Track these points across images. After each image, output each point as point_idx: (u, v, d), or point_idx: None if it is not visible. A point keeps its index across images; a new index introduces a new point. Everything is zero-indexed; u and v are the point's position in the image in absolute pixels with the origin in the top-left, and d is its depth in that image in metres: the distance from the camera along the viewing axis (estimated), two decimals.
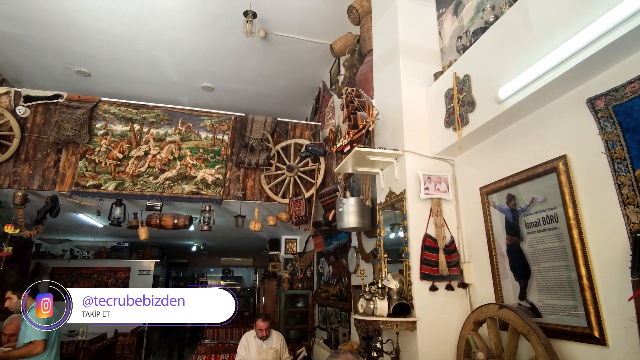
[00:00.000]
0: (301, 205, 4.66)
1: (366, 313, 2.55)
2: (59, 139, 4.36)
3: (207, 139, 4.93)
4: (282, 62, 6.46)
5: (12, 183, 4.22)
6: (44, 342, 3.23)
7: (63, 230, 6.61)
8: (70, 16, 5.26)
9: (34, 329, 3.18)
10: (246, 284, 15.17)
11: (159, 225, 4.53)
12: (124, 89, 7.00)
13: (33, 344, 3.16)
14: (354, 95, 2.96)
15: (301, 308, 6.54)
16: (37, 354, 3.19)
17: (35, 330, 3.18)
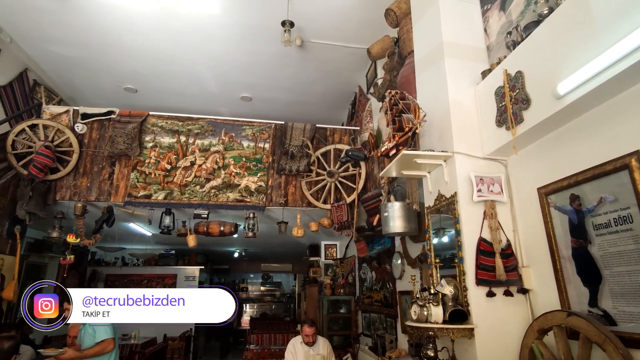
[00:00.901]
0: (343, 210, 4.65)
1: (420, 320, 2.49)
2: (112, 153, 4.62)
3: (249, 147, 5.05)
4: (318, 69, 6.51)
5: (73, 195, 4.51)
6: (114, 340, 3.44)
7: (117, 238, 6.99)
8: (120, 37, 5.58)
9: (104, 329, 3.40)
10: (285, 290, 15.29)
11: (206, 232, 4.67)
12: (168, 102, 7.32)
13: (105, 342, 3.37)
14: (398, 97, 2.92)
15: (344, 314, 6.49)
16: (109, 351, 3.40)
17: (105, 329, 3.40)
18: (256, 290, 15.03)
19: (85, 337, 3.43)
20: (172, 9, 5.02)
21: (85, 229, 4.64)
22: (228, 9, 5.04)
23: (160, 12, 5.07)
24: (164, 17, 5.16)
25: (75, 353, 3.35)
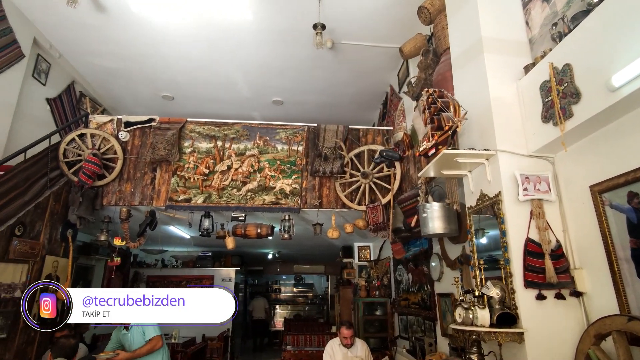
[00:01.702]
0: (378, 211, 4.61)
1: (465, 323, 2.42)
2: (154, 159, 4.81)
3: (283, 150, 5.11)
4: (349, 70, 6.51)
5: (118, 200, 4.73)
6: (162, 337, 3.59)
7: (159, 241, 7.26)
8: (157, 48, 5.80)
9: (152, 327, 3.55)
10: (318, 291, 15.33)
11: (244, 234, 4.76)
12: (203, 109, 7.54)
13: (154, 339, 3.52)
14: (436, 96, 2.87)
15: (380, 316, 6.43)
16: (159, 348, 3.56)
17: (153, 328, 3.55)
18: (289, 291, 15.16)
19: (135, 338, 3.57)
20: (206, 19, 5.17)
21: (130, 232, 4.85)
22: (260, 15, 5.14)
23: (194, 22, 5.24)
24: (198, 27, 5.33)
25: (128, 354, 3.49)
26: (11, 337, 3.64)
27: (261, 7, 4.98)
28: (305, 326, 9.65)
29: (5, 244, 3.61)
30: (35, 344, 3.97)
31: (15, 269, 3.73)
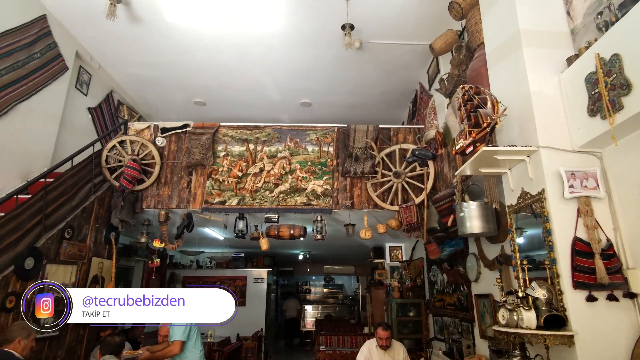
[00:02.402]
0: (412, 211, 4.55)
1: (509, 325, 2.35)
2: (189, 163, 4.96)
3: (314, 152, 5.14)
4: (377, 70, 6.47)
5: (157, 204, 4.90)
6: (182, 343, 3.60)
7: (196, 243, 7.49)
8: (190, 55, 5.98)
9: (177, 331, 3.61)
10: (347, 292, 15.29)
11: (277, 235, 4.82)
12: (234, 113, 7.70)
13: (173, 344, 3.57)
14: (472, 92, 2.80)
15: (413, 317, 6.34)
16: (174, 354, 3.56)
17: (177, 331, 3.61)
18: (319, 292, 15.20)
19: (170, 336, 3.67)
20: (236, 25, 5.28)
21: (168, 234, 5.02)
22: (288, 19, 5.20)
23: (225, 29, 5.36)
24: (228, 33, 5.46)
25: (148, 354, 3.60)
26: (62, 335, 3.85)
27: (290, 11, 5.04)
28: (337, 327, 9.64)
29: (56, 247, 3.83)
30: (84, 341, 4.18)
31: (66, 270, 3.95)
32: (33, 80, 4.75)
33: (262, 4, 4.90)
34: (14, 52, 4.47)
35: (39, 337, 3.38)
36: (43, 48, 4.93)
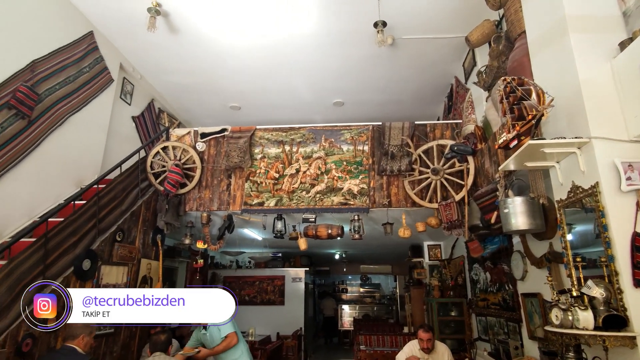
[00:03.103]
0: (452, 208, 4.44)
1: (564, 325, 2.25)
2: (228, 166, 5.10)
3: (349, 151, 5.13)
4: (410, 66, 6.38)
5: (199, 206, 5.09)
6: (236, 333, 3.76)
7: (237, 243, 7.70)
8: (225, 61, 6.15)
9: (227, 325, 3.72)
10: (385, 291, 15.15)
11: (315, 235, 4.87)
12: (268, 116, 7.84)
13: (229, 336, 3.71)
14: (515, 84, 2.70)
15: (455, 317, 6.19)
16: (235, 344, 3.72)
17: (228, 325, 3.72)
18: (355, 291, 15.16)
19: (213, 336, 3.78)
20: (268, 29, 5.37)
21: (209, 235, 5.19)
22: (319, 20, 5.23)
23: (257, 34, 5.47)
24: (260, 38, 5.56)
25: (207, 351, 3.74)
26: (117, 332, 4.09)
27: (320, 12, 5.07)
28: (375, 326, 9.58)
29: (109, 249, 4.07)
30: (137, 338, 4.41)
31: (118, 271, 4.18)
32: (83, 94, 5.06)
33: (292, 7, 4.96)
34: (66, 67, 4.79)
35: (97, 334, 3.61)
36: (91, 62, 5.25)
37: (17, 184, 4.01)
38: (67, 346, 2.94)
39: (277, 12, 5.03)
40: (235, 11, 5.00)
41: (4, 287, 2.90)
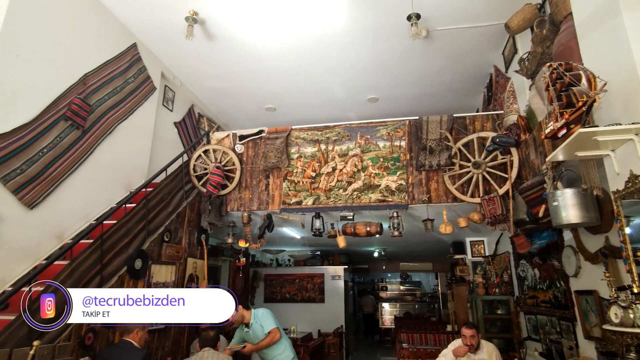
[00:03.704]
0: (496, 203, 4.29)
1: (624, 324, 2.11)
2: (266, 167, 5.21)
3: (385, 147, 5.08)
4: (446, 57, 6.21)
5: (239, 206, 5.23)
6: (279, 329, 3.84)
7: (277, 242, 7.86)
8: (259, 64, 6.28)
9: (269, 321, 3.82)
10: (426, 289, 14.86)
11: (353, 233, 4.86)
12: (302, 115, 7.92)
13: (272, 332, 3.79)
14: (562, 69, 2.56)
15: (502, 315, 5.97)
16: (278, 339, 3.80)
17: (270, 321, 3.82)
18: (395, 289, 14.99)
19: (257, 333, 3.87)
20: (299, 29, 5.43)
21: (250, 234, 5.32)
22: (349, 17, 5.21)
23: (289, 35, 5.55)
24: (292, 38, 5.63)
25: (253, 346, 3.84)
26: (168, 328, 4.30)
27: (352, 9, 5.05)
28: (417, 325, 9.43)
29: (158, 249, 4.28)
30: (185, 334, 4.61)
31: (167, 270, 4.40)
32: (129, 102, 5.35)
33: (323, 5, 4.97)
34: (114, 79, 5.08)
35: (150, 330, 3.82)
36: (135, 72, 5.53)
37: (74, 190, 4.31)
38: (125, 340, 3.14)
39: (308, 11, 5.06)
40: (267, 13, 5.08)
41: (67, 284, 3.13)
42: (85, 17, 4.67)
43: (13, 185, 3.61)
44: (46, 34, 4.12)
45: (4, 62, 3.65)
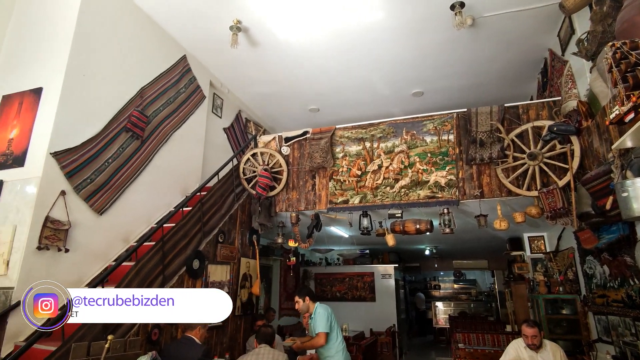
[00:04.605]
0: (555, 195, 4.02)
1: None
2: (312, 167, 5.28)
3: (433, 142, 4.95)
4: (494, 45, 5.92)
5: (287, 207, 5.35)
6: (326, 335, 3.70)
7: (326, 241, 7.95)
8: (302, 66, 6.38)
9: (320, 323, 3.78)
10: (482, 288, 14.24)
11: (402, 231, 4.79)
12: (346, 114, 7.93)
13: (318, 336, 3.72)
14: (627, 48, 2.35)
15: (568, 315, 5.57)
16: (320, 345, 3.68)
17: (320, 323, 3.76)
18: (449, 288, 14.53)
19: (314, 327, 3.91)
20: (339, 29, 5.45)
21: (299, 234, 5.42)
22: (390, 12, 5.15)
23: (329, 35, 5.59)
24: (333, 39, 5.67)
25: (298, 345, 3.87)
26: (225, 325, 4.51)
27: (392, 2, 4.97)
28: (473, 324, 9.08)
29: (213, 250, 4.50)
30: (242, 331, 4.81)
31: (222, 269, 4.61)
32: (182, 112, 5.67)
33: (362, 1, 4.93)
34: (167, 90, 5.41)
35: (210, 327, 4.03)
36: (186, 83, 5.85)
37: (137, 195, 4.65)
38: (187, 336, 3.34)
39: (347, 8, 5.06)
40: (307, 14, 5.14)
41: (135, 283, 3.40)
42: (139, 34, 5.02)
43: (85, 193, 3.97)
44: (107, 53, 4.49)
45: (74, 82, 4.03)
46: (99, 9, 4.42)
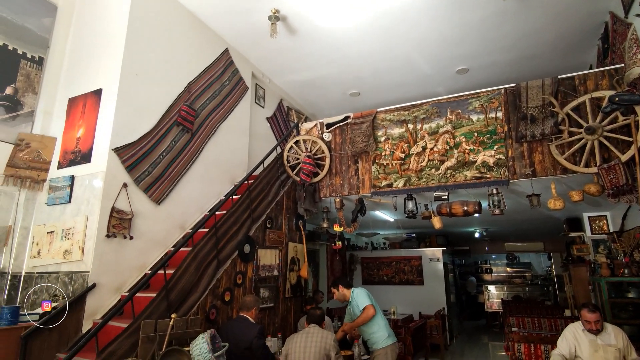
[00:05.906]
0: (617, 171, 3.74)
1: None
2: (354, 152, 5.29)
3: (479, 120, 4.76)
4: (545, 13, 5.53)
5: (331, 192, 5.43)
6: (373, 305, 3.84)
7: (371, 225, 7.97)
8: (341, 51, 6.35)
9: (363, 298, 3.88)
10: (537, 271, 13.60)
11: (449, 213, 4.70)
12: (388, 97, 7.81)
13: (366, 308, 3.82)
14: None
15: (634, 299, 5.22)
16: (372, 315, 3.79)
17: (364, 298, 3.88)
18: (502, 271, 14.01)
19: (354, 310, 4.00)
20: (379, 10, 5.34)
21: (344, 219, 5.50)
22: None
23: (368, 17, 5.51)
24: (371, 20, 5.60)
25: (350, 324, 3.98)
26: (276, 306, 4.71)
27: None
28: (529, 309, 8.74)
29: (262, 235, 4.70)
30: (292, 312, 5.01)
31: (271, 253, 4.80)
32: (227, 104, 5.88)
33: None
34: (212, 84, 5.63)
35: (262, 307, 4.25)
36: (229, 76, 6.05)
37: (190, 185, 4.94)
38: (242, 316, 3.55)
39: None
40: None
41: (192, 267, 3.65)
42: (185, 31, 5.25)
43: (144, 185, 4.29)
44: (157, 52, 4.75)
45: (128, 82, 4.32)
46: (147, 11, 4.67)
